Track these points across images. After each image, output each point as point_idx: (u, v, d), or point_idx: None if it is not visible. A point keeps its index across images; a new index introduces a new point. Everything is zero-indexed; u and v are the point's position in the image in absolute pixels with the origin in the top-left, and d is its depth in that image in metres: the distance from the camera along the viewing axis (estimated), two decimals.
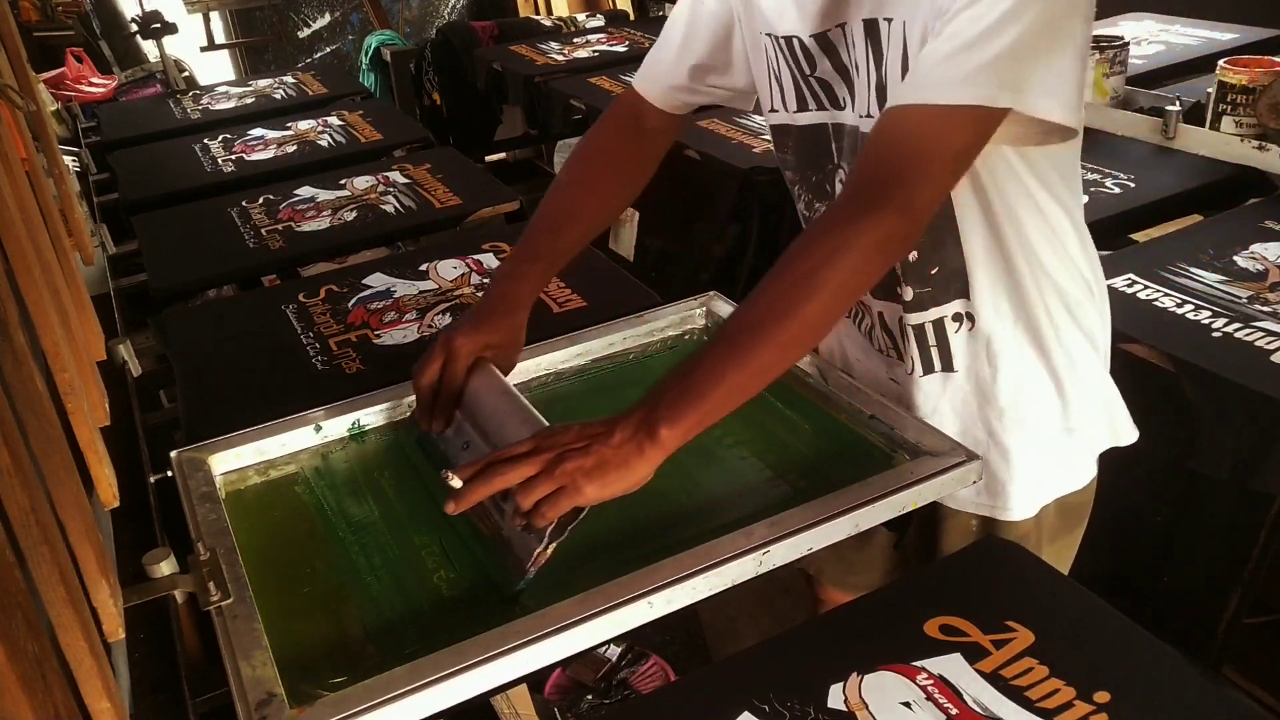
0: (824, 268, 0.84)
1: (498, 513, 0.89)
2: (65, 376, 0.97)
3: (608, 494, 0.83)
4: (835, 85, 1.02)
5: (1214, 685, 0.78)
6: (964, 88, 0.84)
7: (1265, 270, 1.58)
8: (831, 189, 1.09)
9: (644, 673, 1.86)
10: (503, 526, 0.88)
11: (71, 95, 3.78)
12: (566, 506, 0.83)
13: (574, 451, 0.83)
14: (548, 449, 0.85)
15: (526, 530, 0.85)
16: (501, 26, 3.88)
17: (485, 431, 0.98)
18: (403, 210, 1.88)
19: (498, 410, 0.99)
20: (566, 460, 0.83)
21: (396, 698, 0.73)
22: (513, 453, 0.86)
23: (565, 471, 0.82)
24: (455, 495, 0.86)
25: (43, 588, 0.67)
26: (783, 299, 0.85)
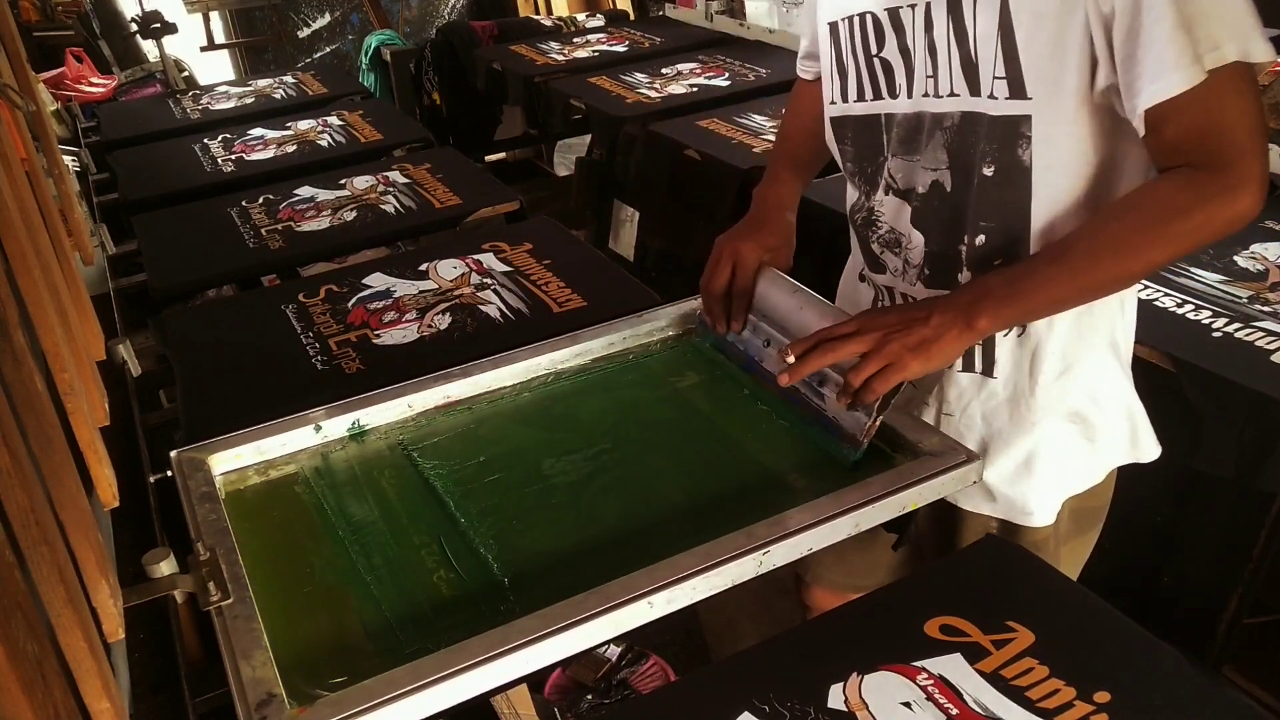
0: (1182, 228, 0.88)
1: (816, 397, 1.02)
2: (65, 376, 0.97)
3: (931, 368, 0.93)
4: (895, 68, 1.02)
5: (1214, 685, 0.78)
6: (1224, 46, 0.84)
7: (1265, 270, 1.58)
8: (881, 181, 1.09)
9: (644, 673, 1.86)
10: (825, 408, 1.01)
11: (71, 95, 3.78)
12: (895, 380, 0.92)
13: (897, 331, 0.92)
14: (873, 329, 0.94)
15: (852, 408, 0.96)
16: (501, 26, 3.88)
17: (784, 327, 1.09)
18: (402, 210, 1.88)
19: (793, 306, 1.08)
20: (892, 340, 0.92)
21: (396, 698, 0.73)
22: (840, 331, 0.95)
23: (891, 350, 0.92)
24: (790, 368, 0.96)
25: (43, 588, 0.67)
26: (1133, 238, 0.89)
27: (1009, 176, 0.97)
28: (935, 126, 1.01)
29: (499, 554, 0.92)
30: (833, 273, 1.30)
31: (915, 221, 1.07)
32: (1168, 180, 0.90)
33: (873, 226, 1.13)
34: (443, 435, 1.11)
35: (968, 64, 0.96)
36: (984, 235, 1.01)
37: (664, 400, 1.16)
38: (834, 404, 0.99)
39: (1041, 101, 0.93)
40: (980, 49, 0.94)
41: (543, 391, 1.20)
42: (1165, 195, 0.89)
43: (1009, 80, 0.93)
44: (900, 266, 1.11)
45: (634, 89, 2.80)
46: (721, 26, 3.37)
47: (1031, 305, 0.94)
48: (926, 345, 0.91)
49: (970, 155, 0.99)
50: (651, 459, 1.06)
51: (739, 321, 1.14)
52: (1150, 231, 0.89)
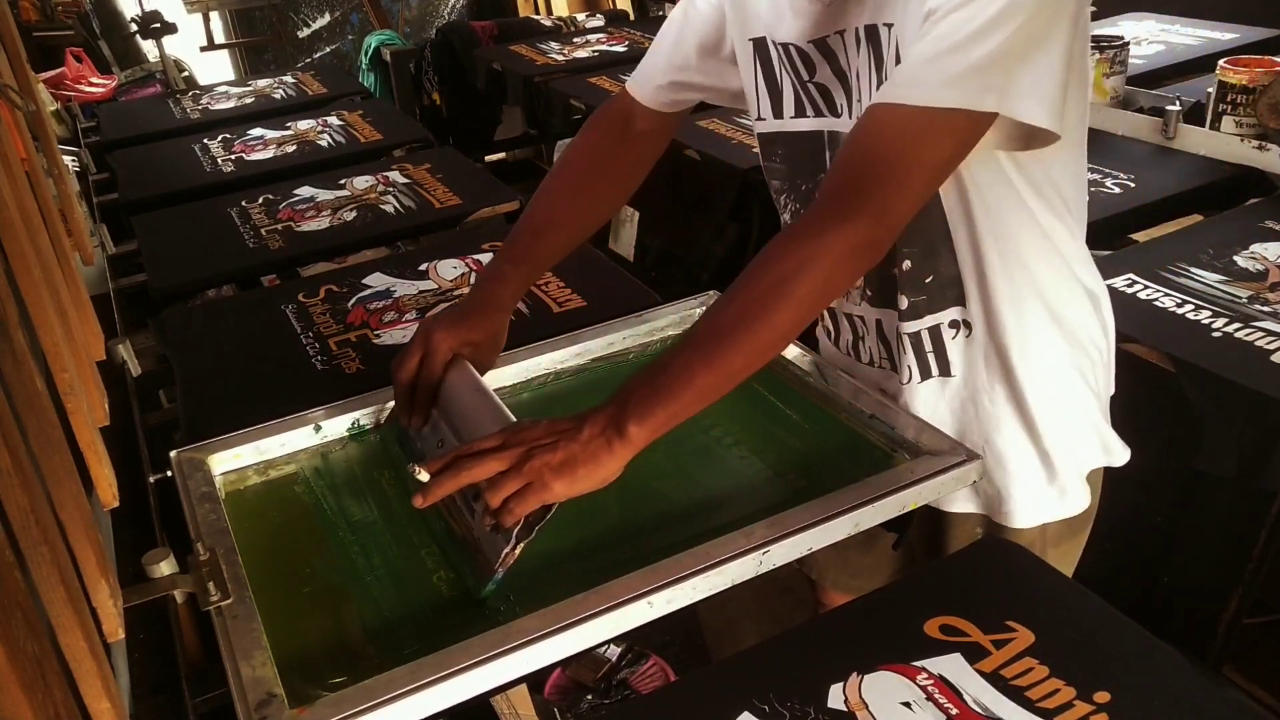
0: (795, 276, 0.84)
1: (470, 513, 0.89)
2: (65, 376, 0.97)
3: (576, 490, 0.83)
4: (834, 91, 1.01)
5: (1214, 685, 0.78)
6: (948, 90, 0.83)
7: (1265, 270, 1.58)
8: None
9: (644, 673, 1.86)
10: (473, 527, 0.88)
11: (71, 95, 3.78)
12: (535, 504, 0.82)
13: (542, 447, 0.83)
14: (516, 444, 0.85)
15: (495, 530, 0.84)
16: (501, 26, 3.88)
17: (458, 429, 0.98)
18: (402, 210, 1.88)
19: (471, 407, 0.99)
20: (534, 456, 0.83)
21: (396, 698, 0.73)
22: (480, 447, 0.86)
23: (533, 468, 0.82)
24: (423, 489, 0.85)
25: (43, 588, 0.67)
26: (753, 306, 0.85)
27: None
28: None
29: None
30: None
31: None
32: (779, 240, 0.88)
33: None
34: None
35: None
36: (909, 260, 1.01)
37: None
38: (479, 525, 0.87)
39: None
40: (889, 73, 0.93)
41: (542, 391, 1.20)
42: (776, 256, 0.86)
43: None
44: None
45: None
46: None
47: (678, 400, 0.85)
48: (573, 464, 0.82)
49: None
50: (651, 459, 1.05)
51: (419, 416, 1.03)
52: (769, 298, 0.85)
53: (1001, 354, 1.05)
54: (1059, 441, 1.08)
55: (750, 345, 0.85)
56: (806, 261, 0.84)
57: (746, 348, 0.85)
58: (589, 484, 0.84)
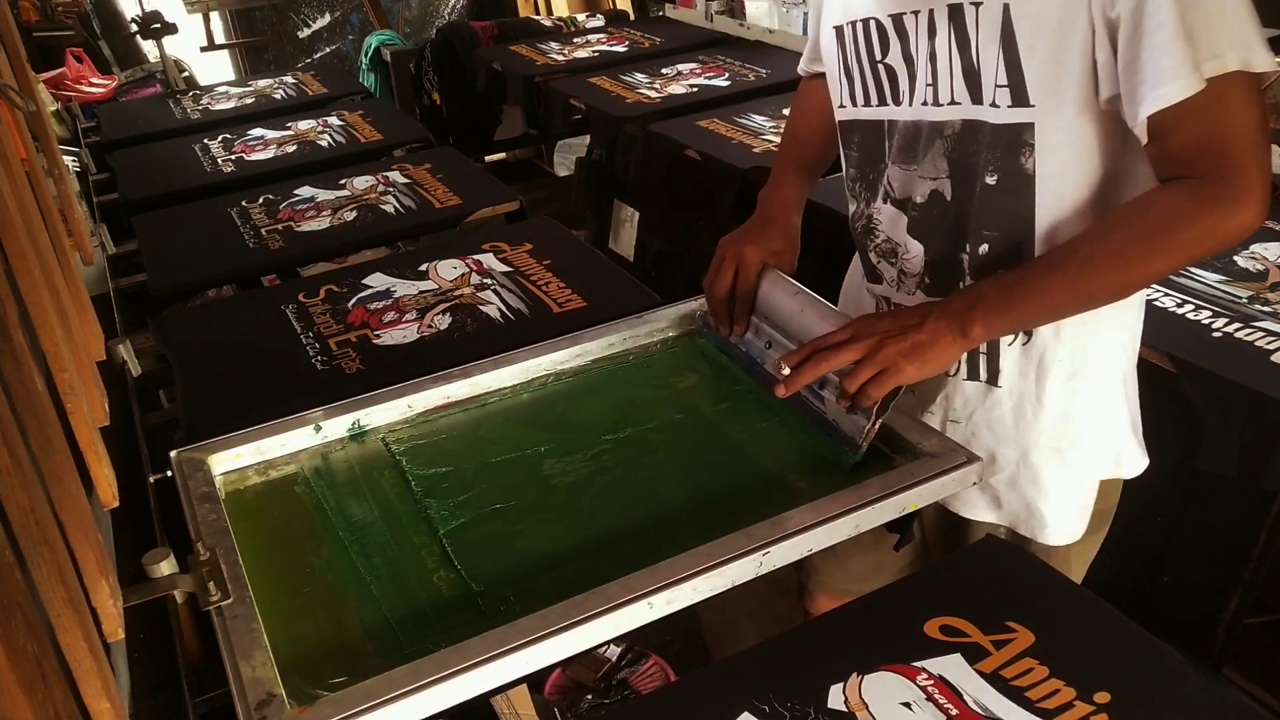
0: (1181, 239, 0.88)
1: (817, 400, 1.02)
2: (65, 376, 0.97)
3: (925, 373, 0.92)
4: (899, 74, 1.02)
5: (1214, 685, 0.78)
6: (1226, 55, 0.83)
7: (1265, 270, 1.58)
8: (881, 188, 1.09)
9: (644, 673, 1.86)
10: (825, 411, 1.01)
11: (71, 95, 3.78)
12: (890, 385, 0.92)
13: (892, 337, 0.92)
14: (866, 335, 0.93)
15: (852, 411, 0.96)
16: (501, 26, 3.88)
17: (786, 330, 1.09)
18: (402, 210, 1.88)
19: (794, 309, 1.08)
20: (886, 345, 0.92)
21: (396, 698, 0.73)
22: (834, 339, 0.95)
23: (886, 355, 0.91)
24: (786, 379, 0.95)
25: (43, 588, 0.67)
26: (1131, 248, 0.89)
27: (1012, 184, 0.97)
28: (935, 135, 1.00)
29: (499, 554, 0.92)
30: (833, 273, 1.30)
31: (913, 231, 1.06)
32: (1169, 190, 0.89)
33: (871, 235, 1.13)
34: (442, 436, 1.11)
35: (969, 72, 0.95)
36: (987, 244, 1.01)
37: (664, 400, 1.16)
38: (834, 407, 1.00)
39: (1044, 109, 0.92)
40: (982, 56, 0.94)
41: (542, 392, 1.20)
42: (1166, 205, 0.89)
43: (1011, 88, 0.93)
44: (895, 277, 1.11)
45: (634, 89, 2.80)
46: (721, 26, 3.37)
47: (1026, 313, 0.94)
48: (921, 350, 0.91)
49: (972, 164, 0.98)
50: (651, 459, 1.06)
51: (741, 324, 1.15)
52: (1149, 241, 0.89)
53: (1059, 367, 1.04)
54: (1092, 460, 1.08)
55: (1117, 282, 0.91)
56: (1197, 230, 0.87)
57: (1112, 282, 0.91)
58: (935, 368, 0.93)
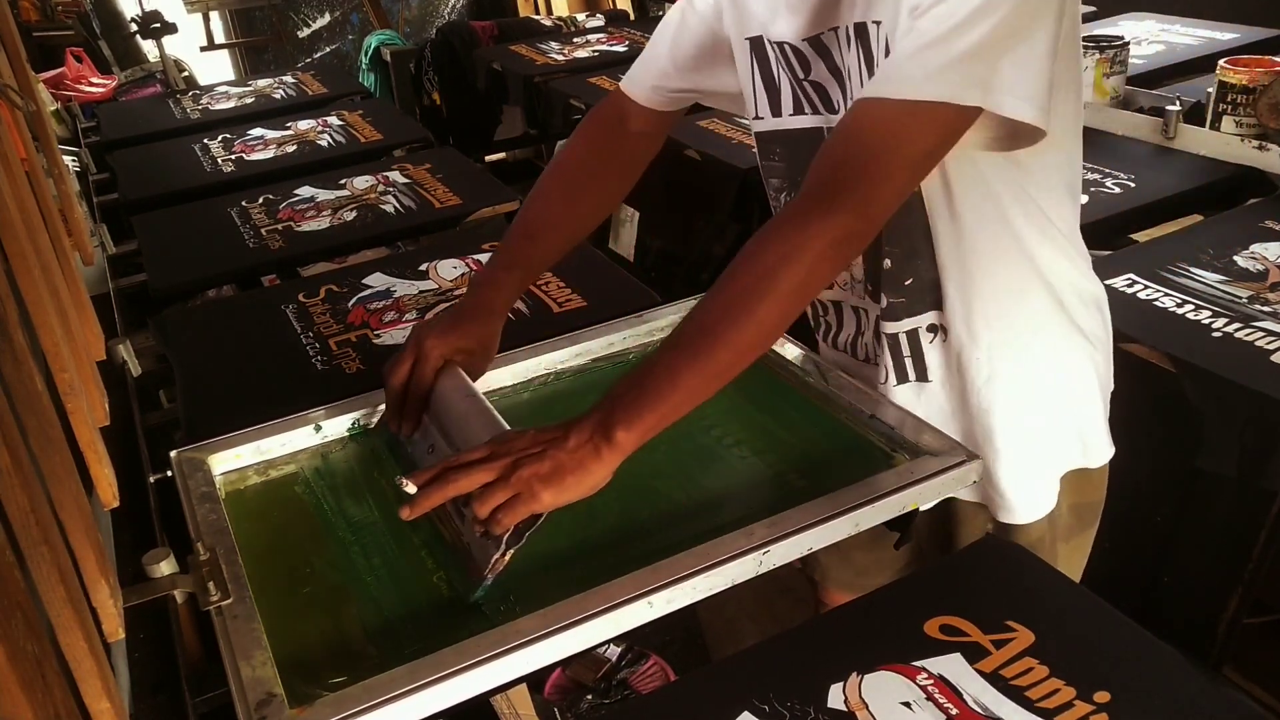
0: (778, 271, 0.83)
1: (458, 518, 0.88)
2: (65, 376, 0.97)
3: (564, 499, 0.83)
4: (830, 88, 1.01)
5: (1214, 685, 0.78)
6: (931, 84, 0.83)
7: (1265, 270, 1.58)
8: None
9: (644, 673, 1.86)
10: (463, 532, 0.88)
11: (71, 95, 3.78)
12: (524, 514, 0.82)
13: (530, 457, 0.83)
14: (503, 454, 0.84)
15: (485, 537, 0.84)
16: (501, 26, 3.88)
17: (449, 436, 0.98)
18: (402, 210, 1.88)
19: (461, 414, 0.98)
20: (522, 466, 0.82)
21: (396, 698, 0.73)
22: (468, 459, 0.85)
23: (521, 478, 0.82)
24: (410, 502, 0.85)
25: (43, 588, 0.67)
26: (737, 302, 0.84)
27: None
28: None
29: None
30: None
31: None
32: (757, 238, 0.87)
33: None
34: None
35: None
36: (889, 260, 1.01)
37: None
38: (470, 531, 0.86)
39: None
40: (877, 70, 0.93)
41: (542, 391, 1.20)
42: (758, 251, 0.85)
43: None
44: (845, 279, 1.10)
45: None
46: None
47: (665, 402, 0.84)
48: (561, 472, 0.82)
49: None
50: (651, 459, 1.05)
51: (410, 422, 1.02)
52: (751, 293, 0.84)
53: (976, 367, 1.04)
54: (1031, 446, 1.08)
55: (736, 342, 0.84)
56: (789, 255, 0.83)
57: (732, 344, 0.84)
58: (577, 492, 0.83)
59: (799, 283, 0.85)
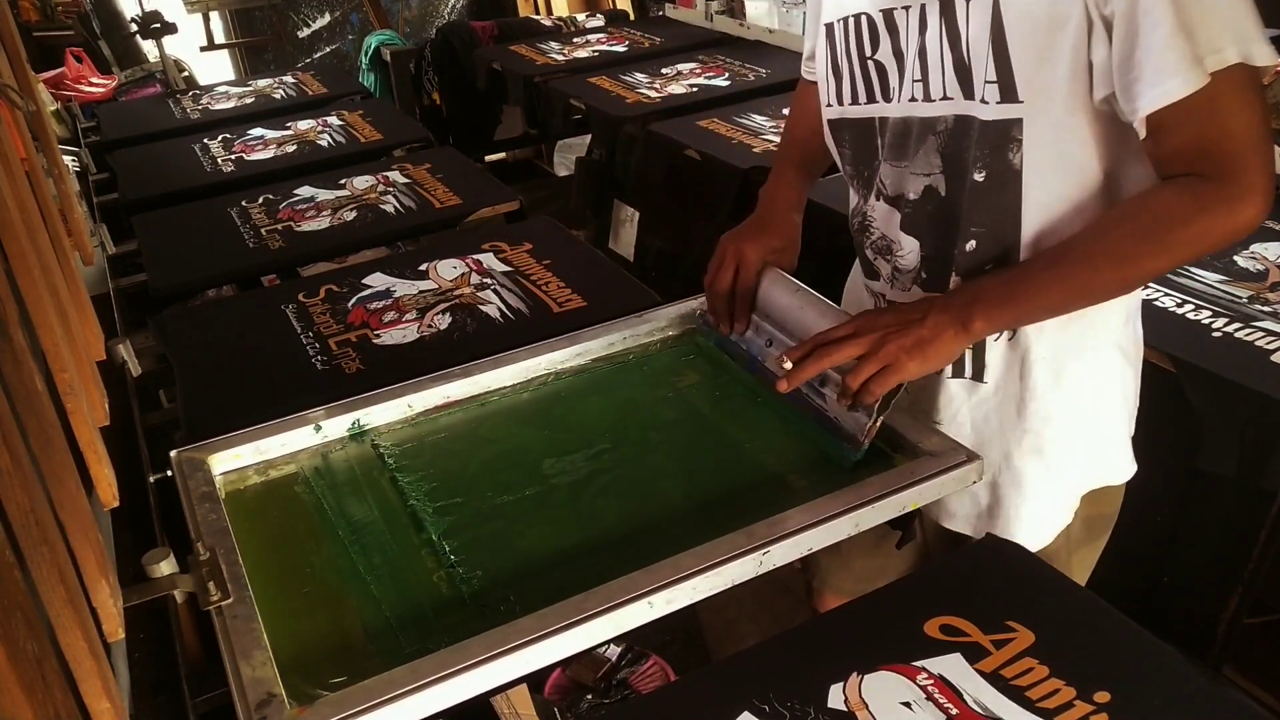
0: (1182, 236, 0.87)
1: (817, 397, 1.02)
2: (65, 376, 0.97)
3: (928, 368, 0.92)
4: (889, 71, 1.02)
5: (1214, 685, 0.78)
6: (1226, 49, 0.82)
7: (1265, 270, 1.58)
8: (875, 186, 1.08)
9: (644, 673, 1.86)
10: (826, 408, 1.01)
11: (71, 95, 3.78)
12: (893, 383, 0.92)
13: (894, 333, 0.92)
14: (869, 330, 0.93)
15: (853, 408, 0.96)
16: (501, 26, 3.88)
17: (786, 328, 1.09)
18: (402, 210, 1.88)
19: (796, 307, 1.08)
20: (889, 341, 0.91)
21: (396, 698, 0.73)
22: (836, 334, 0.95)
23: (889, 351, 0.91)
24: (788, 374, 0.95)
25: (43, 588, 0.67)
26: (1131, 245, 0.89)
27: (1000, 181, 0.96)
28: (926, 131, 1.00)
29: (499, 554, 0.92)
30: (834, 273, 1.29)
31: (907, 227, 1.06)
32: (1169, 188, 0.89)
33: (866, 232, 1.12)
34: (442, 435, 1.11)
35: (960, 67, 0.95)
36: (974, 240, 1.01)
37: (664, 400, 1.16)
38: (834, 404, 0.99)
39: (1033, 106, 0.92)
40: (973, 51, 0.93)
41: (542, 391, 1.20)
42: (1165, 203, 0.88)
43: (1000, 84, 0.92)
44: (890, 273, 1.10)
45: (634, 89, 2.80)
46: (721, 26, 3.37)
47: (1027, 309, 0.94)
48: (923, 346, 0.91)
49: (964, 159, 0.98)
50: (651, 459, 1.06)
51: (742, 322, 1.14)
52: (1149, 239, 0.88)
53: (1042, 366, 1.03)
54: (1075, 464, 1.07)
55: (1115, 279, 0.91)
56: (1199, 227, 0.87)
57: (1110, 280, 0.91)
58: (937, 363, 0.93)
59: (1192, 254, 0.91)
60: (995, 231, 1.00)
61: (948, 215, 1.02)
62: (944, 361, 0.93)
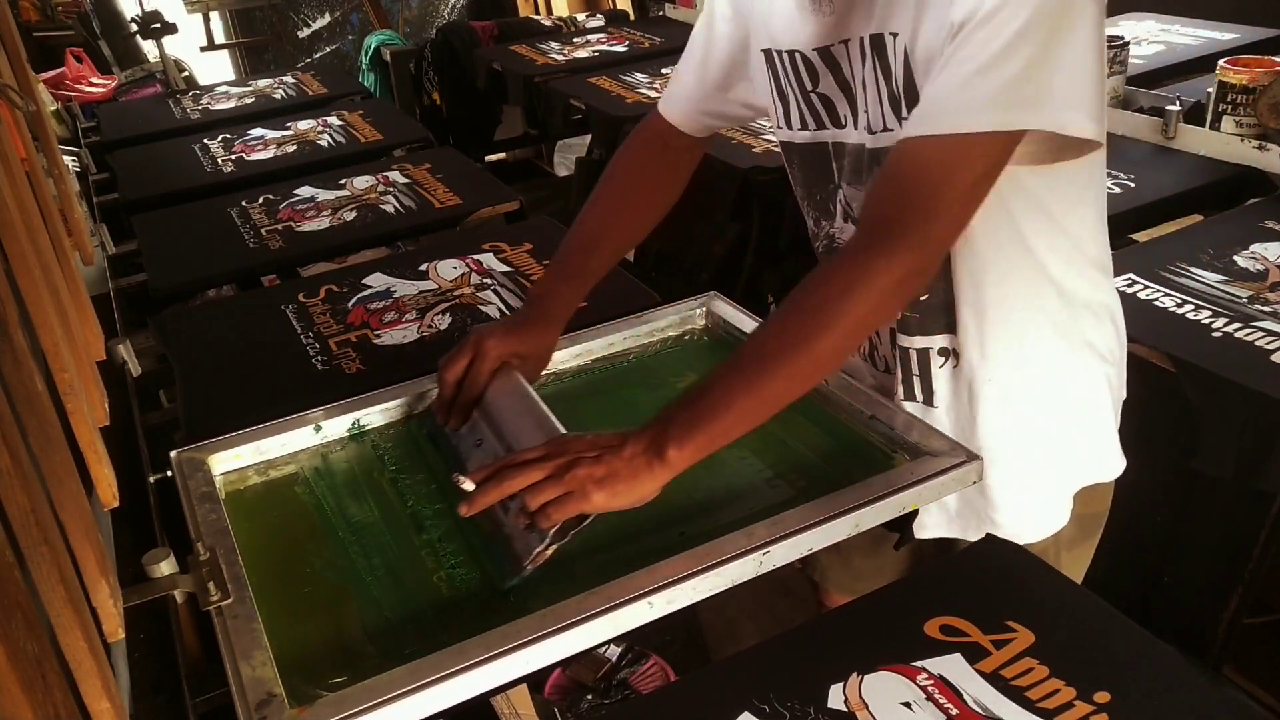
0: (839, 303, 0.84)
1: (501, 509, 0.90)
2: (65, 376, 0.97)
3: (615, 505, 0.85)
4: (837, 102, 1.01)
5: (1214, 685, 0.78)
6: (986, 113, 0.82)
7: (1265, 270, 1.58)
8: (834, 208, 1.08)
9: (644, 673, 1.86)
10: (504, 523, 0.89)
11: (71, 95, 3.78)
12: (573, 511, 0.84)
13: (586, 459, 0.85)
14: (559, 454, 0.86)
15: (529, 529, 0.86)
16: (501, 26, 3.88)
17: (501, 432, 1.00)
18: (402, 210, 1.88)
19: (516, 412, 1.01)
20: (578, 467, 0.84)
21: (396, 698, 0.73)
22: (525, 457, 0.88)
23: (575, 477, 0.84)
24: (468, 498, 0.87)
25: (43, 588, 0.67)
26: (796, 331, 0.86)
27: None
28: (875, 160, 0.99)
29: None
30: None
31: None
32: (823, 267, 0.88)
33: (833, 253, 1.11)
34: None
35: (893, 99, 0.94)
36: None
37: (664, 400, 1.15)
38: (513, 521, 0.88)
39: None
40: (901, 84, 0.92)
41: (542, 392, 1.19)
42: (822, 282, 0.86)
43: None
44: None
45: (634, 89, 2.80)
46: None
47: (718, 427, 0.86)
48: (614, 479, 0.84)
49: None
50: None
51: (458, 418, 1.05)
52: (810, 322, 0.85)
53: (989, 389, 1.03)
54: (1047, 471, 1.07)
55: (792, 371, 0.86)
56: (851, 289, 0.84)
57: (788, 373, 0.86)
58: (627, 500, 0.85)
59: (859, 319, 0.86)
60: None
61: None
62: (637, 497, 0.85)
